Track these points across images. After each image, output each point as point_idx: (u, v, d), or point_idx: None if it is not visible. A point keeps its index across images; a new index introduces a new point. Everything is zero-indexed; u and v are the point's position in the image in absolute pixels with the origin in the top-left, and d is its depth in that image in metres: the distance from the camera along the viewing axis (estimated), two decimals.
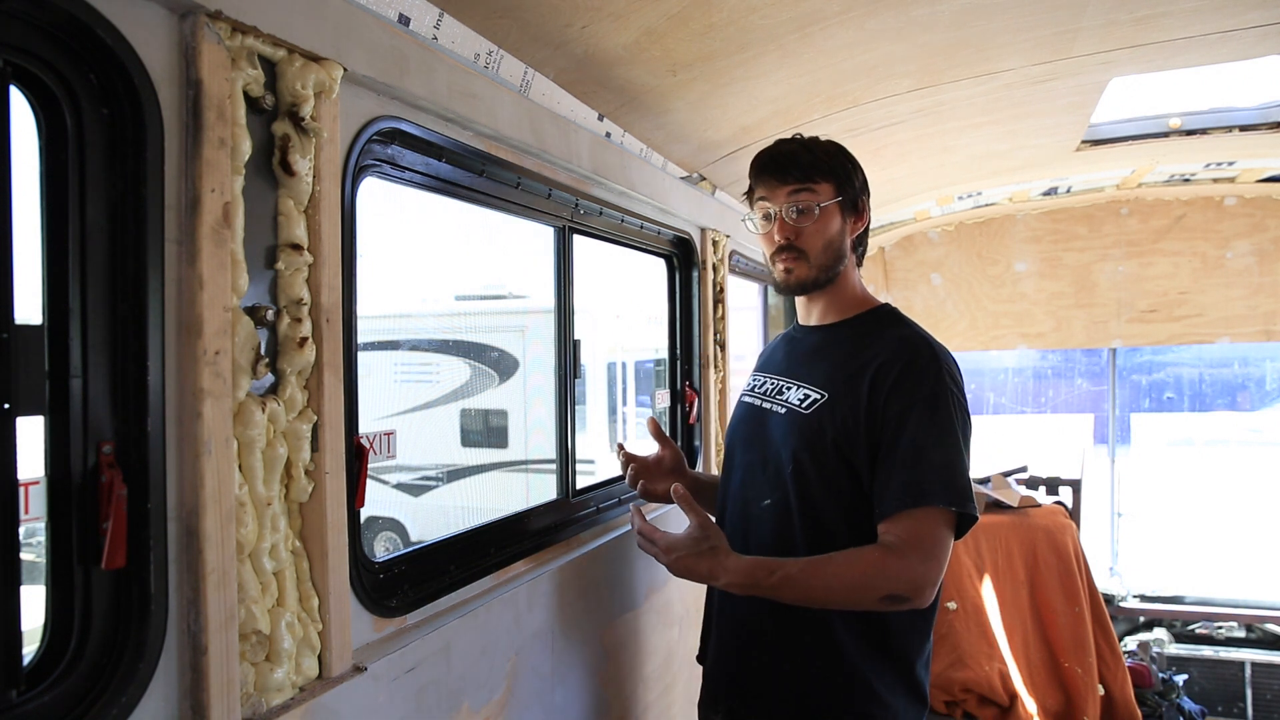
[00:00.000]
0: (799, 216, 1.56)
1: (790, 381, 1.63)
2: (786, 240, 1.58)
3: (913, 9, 1.86)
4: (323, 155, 1.17)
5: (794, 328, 1.78)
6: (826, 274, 1.61)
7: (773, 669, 1.57)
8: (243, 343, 1.06)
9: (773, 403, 1.64)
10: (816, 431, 1.52)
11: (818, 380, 1.57)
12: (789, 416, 1.58)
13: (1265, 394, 12.76)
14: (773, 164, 1.60)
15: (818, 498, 1.52)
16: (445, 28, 1.48)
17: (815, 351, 1.65)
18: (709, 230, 2.75)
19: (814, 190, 1.57)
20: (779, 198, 1.58)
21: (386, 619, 1.37)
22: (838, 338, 1.64)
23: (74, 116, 0.91)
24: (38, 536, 0.97)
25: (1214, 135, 3.30)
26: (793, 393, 1.60)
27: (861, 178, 1.65)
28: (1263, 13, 1.99)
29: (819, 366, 1.60)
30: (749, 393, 1.74)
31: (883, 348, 1.52)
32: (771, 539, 1.57)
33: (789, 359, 1.70)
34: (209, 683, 1.00)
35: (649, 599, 2.26)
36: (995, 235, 4.80)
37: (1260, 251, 4.39)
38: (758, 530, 1.60)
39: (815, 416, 1.53)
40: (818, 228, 1.57)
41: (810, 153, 1.59)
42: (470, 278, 7.13)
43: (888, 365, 1.48)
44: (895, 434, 1.44)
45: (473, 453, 6.93)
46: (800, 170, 1.57)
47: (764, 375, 1.73)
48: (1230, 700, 4.38)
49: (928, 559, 1.39)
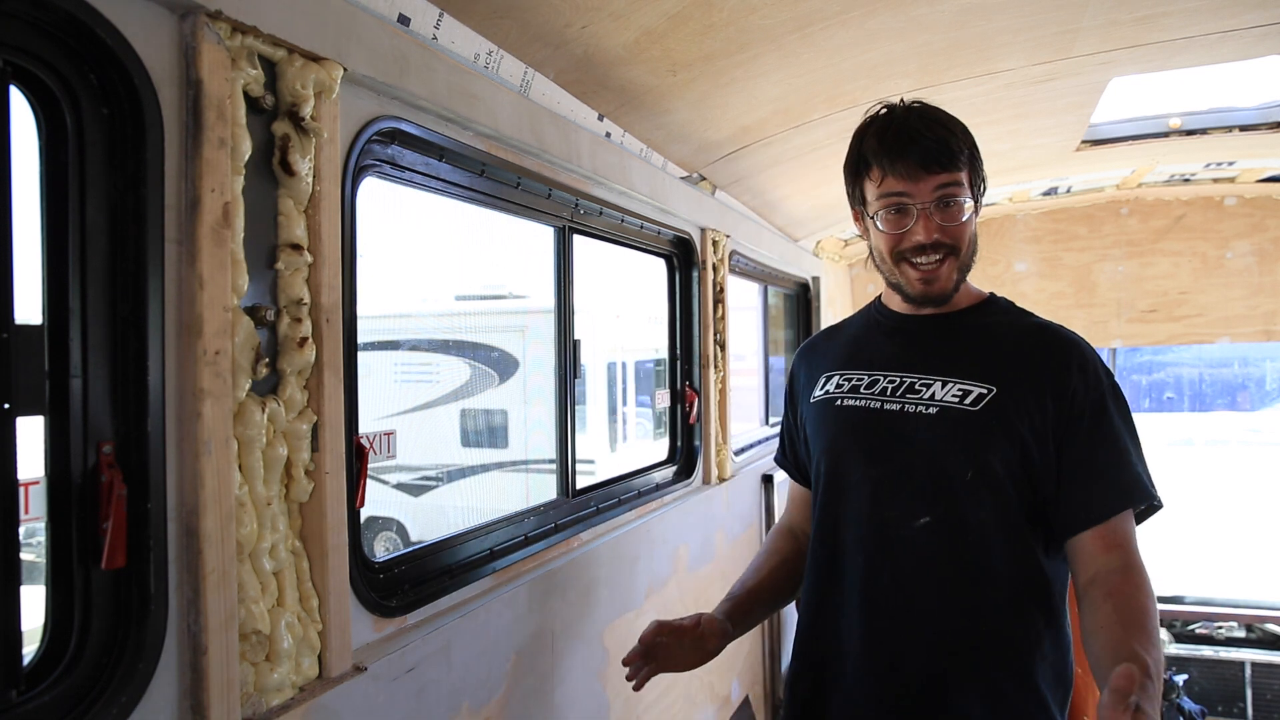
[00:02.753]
0: (953, 212, 1.33)
1: (926, 377, 1.39)
2: (933, 239, 1.34)
3: (913, 9, 1.86)
4: (323, 155, 1.17)
5: (880, 314, 1.53)
6: (965, 275, 1.41)
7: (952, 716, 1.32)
8: (243, 343, 1.06)
9: (904, 402, 1.39)
10: (1000, 429, 1.32)
11: (973, 373, 1.36)
12: (948, 416, 1.35)
13: (1265, 394, 12.75)
14: (914, 148, 1.33)
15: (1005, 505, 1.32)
16: (445, 28, 1.48)
17: (947, 343, 1.42)
18: (709, 230, 2.75)
19: (961, 181, 1.34)
20: (924, 189, 1.32)
21: (386, 619, 1.37)
22: (970, 327, 1.43)
23: (74, 116, 0.91)
24: (38, 536, 0.97)
25: (1214, 135, 3.30)
26: (940, 389, 1.37)
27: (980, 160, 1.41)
28: (1263, 13, 1.99)
29: (964, 359, 1.39)
30: (849, 394, 1.46)
31: (1042, 339, 1.39)
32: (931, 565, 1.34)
33: (905, 351, 1.45)
34: (209, 683, 0.99)
35: (649, 599, 2.26)
36: (995, 235, 4.80)
37: (1260, 251, 4.39)
38: (908, 555, 1.35)
39: (992, 413, 1.33)
40: (967, 223, 1.35)
41: (950, 134, 1.34)
42: (470, 278, 7.13)
43: (1060, 355, 1.35)
44: (1093, 430, 1.31)
45: (473, 453, 6.92)
46: (949, 158, 1.32)
47: (863, 372, 1.47)
48: (1230, 700, 4.38)
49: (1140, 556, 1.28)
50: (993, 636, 1.32)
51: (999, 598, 1.32)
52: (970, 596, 1.33)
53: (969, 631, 1.32)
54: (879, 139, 1.36)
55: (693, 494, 2.69)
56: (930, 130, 1.34)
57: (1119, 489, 1.30)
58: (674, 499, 2.58)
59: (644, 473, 2.55)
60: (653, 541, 2.32)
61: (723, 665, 2.85)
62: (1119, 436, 1.32)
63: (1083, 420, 1.32)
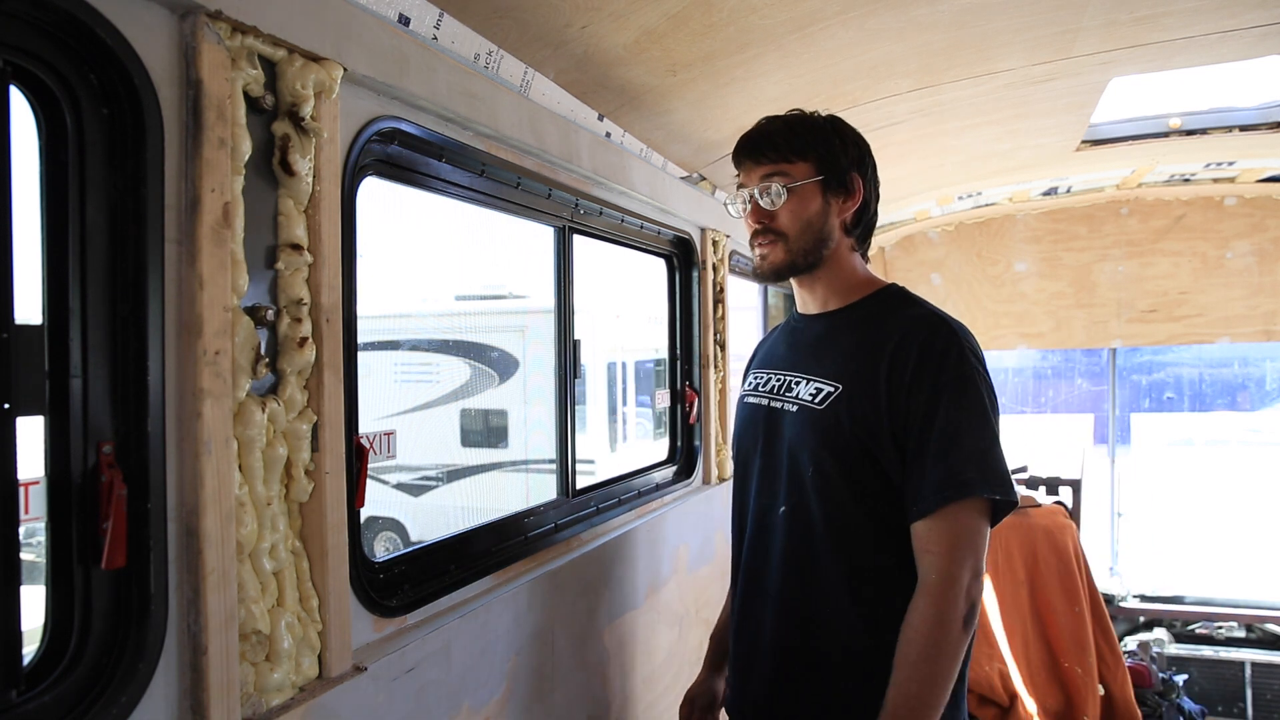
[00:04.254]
0: (772, 197, 1.46)
1: (798, 375, 1.51)
2: (760, 224, 1.48)
3: (913, 9, 1.86)
4: (323, 155, 1.17)
5: (793, 317, 1.65)
6: (806, 258, 1.49)
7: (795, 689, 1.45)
8: (243, 343, 1.06)
9: (782, 400, 1.51)
10: (834, 427, 1.40)
11: (828, 371, 1.45)
12: (802, 414, 1.45)
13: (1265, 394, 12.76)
14: (748, 144, 1.49)
15: (843, 499, 1.40)
16: (445, 28, 1.48)
17: (820, 341, 1.53)
18: (709, 230, 2.75)
19: (787, 171, 1.46)
20: (752, 180, 1.49)
21: (386, 619, 1.37)
22: (844, 323, 1.51)
23: (74, 116, 0.91)
24: (38, 536, 0.97)
25: (1214, 135, 3.30)
26: (803, 387, 1.48)
27: (855, 154, 1.51)
28: (1263, 13, 1.99)
29: (827, 356, 1.48)
30: (752, 392, 1.62)
31: (896, 330, 1.41)
32: (790, 548, 1.46)
33: (793, 351, 1.58)
34: (209, 683, 1.00)
35: (649, 599, 2.26)
36: (995, 235, 4.80)
37: (1260, 251, 4.39)
38: (774, 539, 1.48)
39: (831, 411, 1.41)
40: (792, 209, 1.46)
41: (789, 130, 1.48)
42: (470, 278, 7.14)
43: (904, 348, 1.37)
44: (925, 423, 1.33)
45: (473, 453, 6.93)
46: (775, 150, 1.46)
47: (767, 372, 1.61)
48: (1230, 700, 4.38)
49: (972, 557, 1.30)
50: (833, 619, 1.41)
51: (839, 584, 1.41)
52: (813, 580, 1.44)
53: (810, 610, 1.44)
54: (739, 141, 1.52)
55: (693, 494, 2.69)
56: (775, 130, 1.48)
57: (943, 480, 1.31)
58: (674, 499, 2.58)
59: (644, 473, 2.55)
60: (653, 541, 2.32)
61: None
62: (950, 428, 1.32)
63: (917, 412, 1.34)
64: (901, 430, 1.35)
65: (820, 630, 1.42)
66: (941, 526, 1.31)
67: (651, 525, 2.33)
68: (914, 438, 1.34)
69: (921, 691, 1.27)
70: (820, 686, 1.42)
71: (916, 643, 1.29)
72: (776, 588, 1.48)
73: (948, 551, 1.30)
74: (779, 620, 1.47)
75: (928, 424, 1.33)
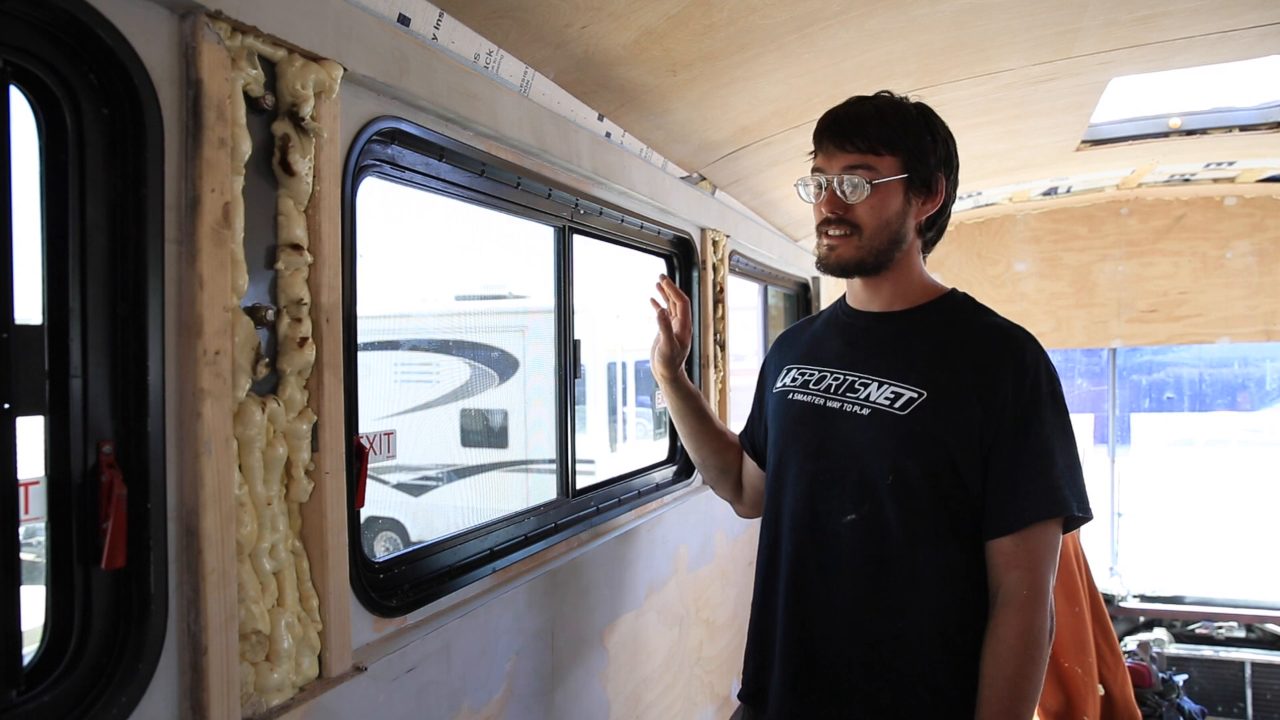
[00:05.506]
0: (852, 191, 1.37)
1: (866, 377, 1.42)
2: (835, 214, 1.39)
3: (913, 9, 1.86)
4: (323, 155, 1.17)
5: (844, 311, 1.56)
6: (877, 258, 1.41)
7: (858, 705, 1.39)
8: (243, 343, 1.06)
9: (844, 401, 1.43)
10: (923, 436, 1.34)
11: (908, 376, 1.38)
12: (878, 418, 1.38)
13: (1265, 394, 12.76)
14: (835, 127, 1.39)
15: (925, 510, 1.35)
16: (445, 28, 1.48)
17: (891, 342, 1.45)
18: (709, 230, 2.75)
19: (874, 165, 1.37)
20: (834, 167, 1.39)
21: (386, 619, 1.37)
22: (917, 326, 1.45)
23: (74, 116, 0.91)
24: (38, 536, 0.97)
25: (1214, 135, 3.30)
26: (875, 390, 1.40)
27: (944, 152, 1.43)
28: (1263, 13, 1.99)
29: (903, 360, 1.41)
30: (799, 389, 1.51)
31: (980, 339, 1.38)
32: (855, 558, 1.39)
33: (853, 349, 1.48)
34: (209, 683, 1.00)
35: (649, 599, 2.26)
36: (995, 235, 4.80)
37: (1260, 251, 4.39)
38: (834, 550, 1.41)
39: (917, 418, 1.34)
40: (872, 205, 1.38)
41: (881, 119, 1.38)
42: (470, 278, 7.14)
43: (996, 358, 1.35)
44: (1019, 437, 1.31)
45: (473, 453, 6.92)
46: (864, 139, 1.37)
47: (817, 368, 1.51)
48: (1230, 700, 4.38)
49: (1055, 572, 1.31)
50: (906, 632, 1.35)
51: (915, 597, 1.35)
52: (887, 593, 1.37)
53: (883, 625, 1.37)
54: (824, 119, 1.43)
55: (693, 494, 2.69)
56: (866, 116, 1.39)
57: (1034, 499, 1.30)
58: (674, 499, 2.58)
59: (644, 473, 2.55)
60: (653, 541, 2.32)
61: (723, 665, 2.86)
62: (1046, 445, 1.32)
63: (1010, 427, 1.32)
64: (992, 443, 1.32)
65: (893, 642, 1.36)
66: (1031, 541, 1.30)
67: (651, 525, 2.33)
68: (1004, 453, 1.32)
69: (1016, 707, 1.26)
70: (893, 700, 1.36)
71: (1010, 659, 1.27)
72: (841, 599, 1.40)
73: (1036, 566, 1.29)
74: (847, 632, 1.39)
75: (1022, 440, 1.31)
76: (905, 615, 1.36)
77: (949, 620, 1.35)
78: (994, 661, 1.29)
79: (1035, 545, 1.30)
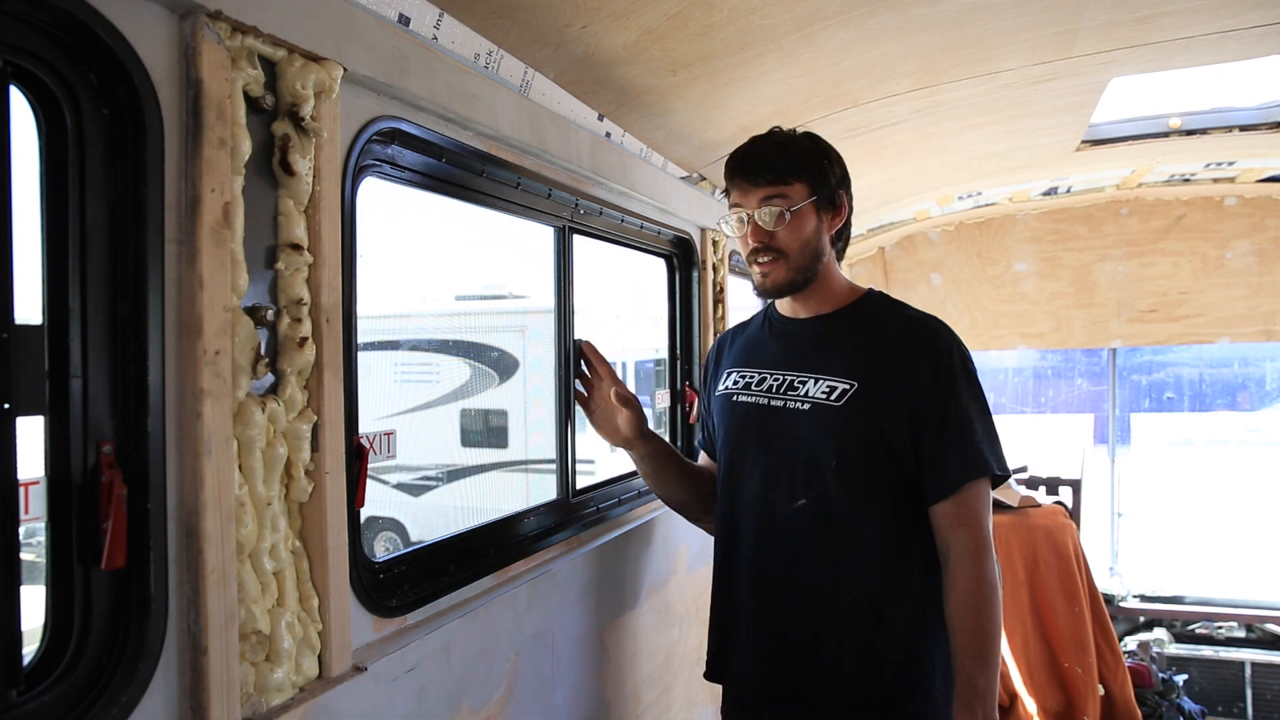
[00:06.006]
0: (773, 220, 1.55)
1: (803, 375, 1.60)
2: (761, 243, 1.57)
3: (913, 9, 1.86)
4: (323, 155, 1.17)
5: (775, 319, 1.73)
6: (805, 275, 1.59)
7: (825, 669, 1.56)
8: (243, 343, 1.06)
9: (786, 399, 1.60)
10: (858, 421, 1.52)
11: (839, 370, 1.56)
12: (818, 411, 1.56)
13: (1265, 394, 12.76)
14: (745, 166, 1.57)
15: (866, 489, 1.53)
16: (445, 28, 1.48)
17: (820, 342, 1.62)
18: (709, 230, 2.75)
19: (786, 194, 1.55)
20: (751, 201, 1.56)
21: (386, 619, 1.37)
22: (842, 325, 1.62)
23: (74, 116, 0.90)
24: (38, 536, 0.97)
25: (1214, 135, 3.30)
26: (813, 386, 1.57)
27: (839, 171, 1.62)
28: (1263, 13, 1.99)
29: (834, 357, 1.58)
30: (742, 390, 1.69)
31: (901, 330, 1.58)
32: (807, 539, 1.56)
33: (788, 352, 1.66)
34: (209, 683, 0.99)
35: (649, 599, 2.26)
36: (995, 235, 4.80)
37: (1260, 251, 4.39)
38: (789, 533, 1.58)
39: (852, 407, 1.53)
40: (792, 229, 1.55)
41: (783, 152, 1.56)
42: (470, 278, 7.13)
43: (914, 346, 1.54)
44: (941, 412, 1.50)
45: (473, 453, 6.92)
46: (772, 172, 1.54)
47: (756, 371, 1.68)
48: (1230, 700, 4.38)
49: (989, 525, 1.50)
50: (861, 599, 1.54)
51: (866, 565, 1.54)
52: (840, 566, 1.55)
53: (840, 596, 1.55)
54: (731, 161, 1.60)
55: None
56: (769, 152, 1.56)
57: (963, 464, 1.51)
58: None
59: None
60: (653, 541, 2.32)
61: None
62: (965, 416, 1.52)
63: (932, 403, 1.51)
64: (919, 421, 1.51)
65: (849, 606, 1.54)
66: (966, 502, 1.49)
67: (651, 525, 2.33)
68: (930, 427, 1.51)
69: (984, 644, 1.45)
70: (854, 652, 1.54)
71: (971, 606, 1.46)
72: (800, 574, 1.57)
73: (975, 520, 1.49)
74: (805, 603, 1.56)
75: (944, 414, 1.51)
76: (855, 584, 1.54)
77: (893, 577, 1.54)
78: (957, 610, 1.47)
79: (971, 503, 1.50)
